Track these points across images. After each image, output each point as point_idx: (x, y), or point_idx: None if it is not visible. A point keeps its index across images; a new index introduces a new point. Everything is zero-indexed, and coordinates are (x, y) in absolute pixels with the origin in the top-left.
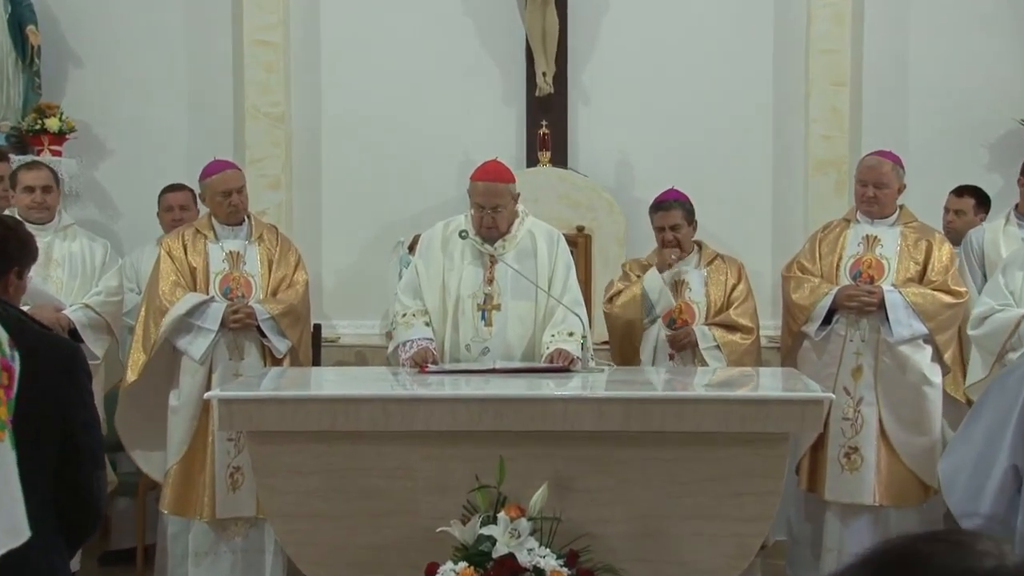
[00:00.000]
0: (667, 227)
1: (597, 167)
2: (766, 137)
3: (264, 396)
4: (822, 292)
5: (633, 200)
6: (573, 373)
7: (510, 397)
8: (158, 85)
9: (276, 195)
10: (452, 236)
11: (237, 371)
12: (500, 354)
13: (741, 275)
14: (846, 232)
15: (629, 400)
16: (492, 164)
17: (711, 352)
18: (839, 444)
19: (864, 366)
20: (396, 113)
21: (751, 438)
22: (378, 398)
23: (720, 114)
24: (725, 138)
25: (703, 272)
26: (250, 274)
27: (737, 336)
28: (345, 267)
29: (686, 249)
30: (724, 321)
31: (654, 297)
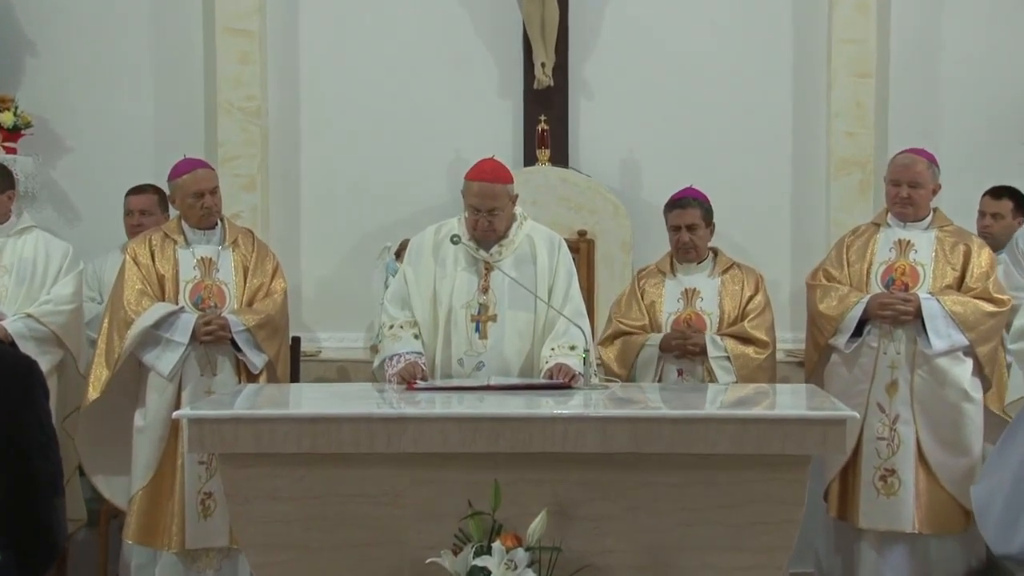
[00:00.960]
0: (684, 226)
1: (601, 166)
2: (784, 134)
3: (238, 415)
4: (852, 301)
5: (640, 202)
6: (574, 390)
7: (506, 416)
8: (122, 77)
9: (251, 197)
10: (444, 241)
11: (209, 388)
12: (496, 369)
13: (759, 286)
14: (876, 236)
15: (635, 419)
16: (489, 163)
17: (720, 363)
18: (874, 466)
19: (899, 381)
20: (382, 108)
21: (768, 461)
22: (362, 417)
23: (735, 108)
24: (740, 135)
25: (717, 281)
26: (223, 282)
27: (750, 349)
28: (327, 275)
29: (702, 253)
30: (737, 332)
31: (641, 366)
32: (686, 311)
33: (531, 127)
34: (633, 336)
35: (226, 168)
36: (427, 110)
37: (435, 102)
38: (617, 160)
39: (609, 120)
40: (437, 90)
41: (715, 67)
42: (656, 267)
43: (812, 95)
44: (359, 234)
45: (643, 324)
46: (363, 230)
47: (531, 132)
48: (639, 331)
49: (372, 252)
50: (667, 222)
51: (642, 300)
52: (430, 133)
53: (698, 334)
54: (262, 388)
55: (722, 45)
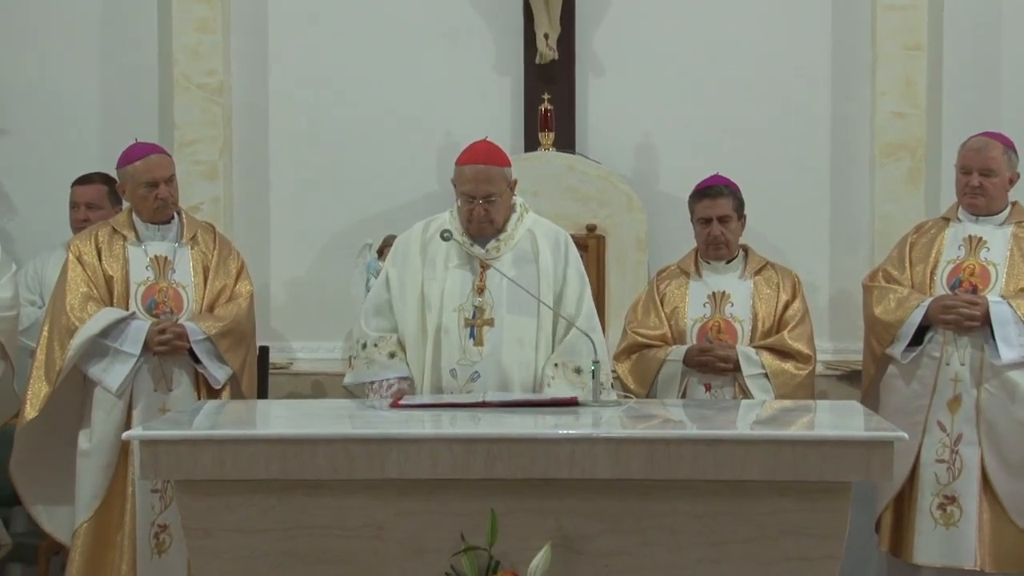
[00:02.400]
0: (715, 218)
1: (612, 152)
2: (823, 115)
3: (198, 436)
4: (911, 305)
5: (657, 194)
6: (583, 407)
7: (505, 437)
8: (64, 48)
9: (213, 186)
10: (433, 239)
11: (164, 405)
12: (493, 379)
13: (796, 290)
14: (944, 233)
15: (653, 440)
16: (482, 144)
17: (757, 381)
18: (932, 493)
19: (963, 396)
20: (363, 85)
21: (805, 488)
22: (340, 439)
23: (765, 86)
24: (771, 116)
25: (749, 283)
26: (181, 284)
27: (790, 365)
28: (299, 276)
29: (733, 250)
30: (776, 345)
31: (662, 382)
32: (713, 318)
33: (532, 107)
34: (652, 349)
35: (184, 153)
36: (414, 88)
37: (423, 79)
38: (631, 145)
39: (622, 99)
40: (425, 65)
41: (743, 38)
42: (678, 267)
43: (854, 70)
44: (336, 229)
45: (663, 334)
46: (341, 225)
47: (532, 113)
48: (658, 343)
49: (351, 250)
50: (693, 214)
51: (662, 306)
52: (418, 114)
53: (729, 348)
54: (225, 405)
55: (751, 12)
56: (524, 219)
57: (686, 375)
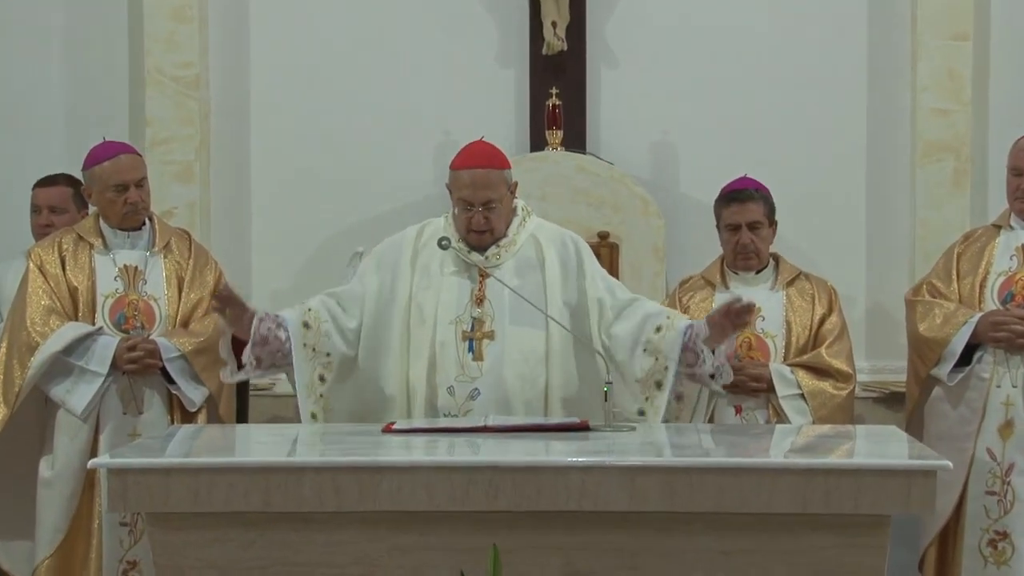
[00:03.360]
0: (744, 224)
1: (627, 152)
2: (857, 111)
3: (171, 464)
4: (958, 321)
5: (676, 197)
6: (595, 431)
7: (508, 465)
8: (25, 37)
9: (188, 190)
10: (428, 245)
11: (134, 430)
12: (494, 397)
13: (833, 303)
14: (994, 242)
15: (672, 469)
16: (479, 145)
17: (792, 402)
18: (980, 528)
19: (1016, 421)
20: (353, 79)
21: (839, 522)
22: (328, 467)
23: (795, 80)
24: (801, 112)
25: (781, 295)
26: (152, 297)
27: (829, 384)
28: (283, 288)
29: (764, 259)
30: (813, 363)
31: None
32: (743, 333)
33: (539, 103)
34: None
35: (156, 153)
36: (409, 82)
37: (419, 72)
38: (647, 144)
39: (638, 93)
40: (422, 57)
41: (770, 27)
42: (702, 278)
43: (892, 63)
44: (324, 236)
45: None
46: (329, 231)
47: (539, 109)
48: None
49: (340, 259)
50: (720, 220)
51: None
52: (413, 111)
53: (761, 366)
54: (201, 430)
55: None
56: (527, 223)
57: (714, 397)
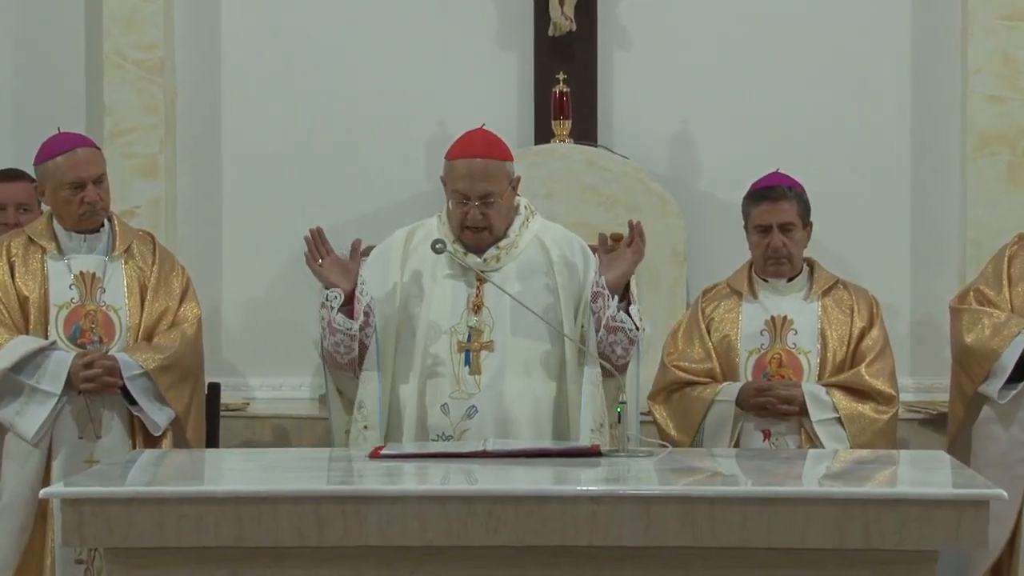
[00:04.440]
0: (775, 226)
1: (643, 144)
2: (901, 99)
3: (133, 494)
4: (1011, 332)
5: (697, 195)
6: (608, 456)
7: (510, 494)
8: None
9: (152, 186)
10: (419, 248)
11: (91, 456)
12: (493, 416)
13: (874, 314)
14: None
15: (693, 499)
16: (478, 134)
17: (828, 428)
18: None
19: None
20: (336, 63)
21: (881, 559)
22: (309, 496)
23: (830, 64)
24: (838, 100)
25: (816, 306)
26: (112, 307)
27: (869, 407)
28: (258, 296)
29: (797, 265)
30: (851, 383)
31: (710, 428)
32: (773, 349)
33: (545, 89)
34: (696, 388)
35: (116, 146)
36: (400, 68)
37: (411, 56)
38: (666, 135)
39: (654, 79)
40: (413, 40)
41: (804, 5)
42: (728, 285)
43: (940, 44)
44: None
45: (710, 368)
46: None
47: (545, 96)
48: (704, 379)
49: None
50: (748, 220)
51: (708, 334)
52: (404, 100)
53: (793, 386)
54: (166, 455)
55: None
56: (530, 223)
57: (739, 420)
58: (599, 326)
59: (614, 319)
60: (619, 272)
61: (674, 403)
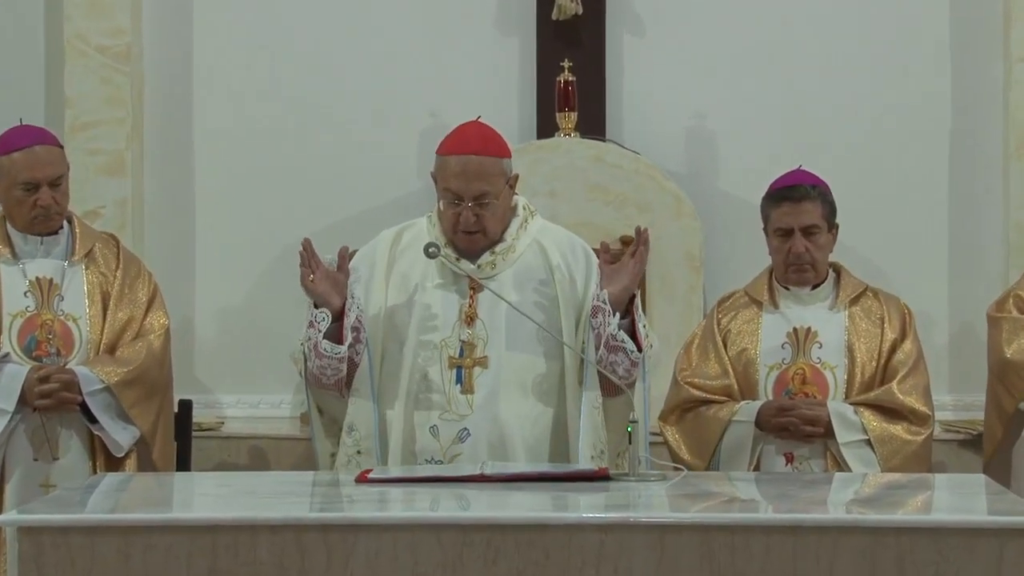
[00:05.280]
0: (797, 229)
1: (655, 139)
2: (938, 91)
3: (96, 521)
4: None
5: (714, 195)
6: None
7: (510, 522)
8: None
9: (117, 185)
10: (407, 252)
11: (47, 479)
12: (487, 440)
13: (907, 325)
14: None
15: (710, 527)
16: (472, 127)
17: (856, 450)
18: None
19: None
20: (318, 50)
21: None
22: (290, 524)
23: (860, 51)
24: (868, 91)
25: (842, 316)
26: (71, 316)
27: (901, 428)
28: (233, 305)
29: (821, 272)
30: (882, 401)
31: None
32: (796, 364)
33: (548, 78)
34: (712, 407)
35: (79, 140)
36: (388, 54)
37: (400, 42)
38: (680, 129)
39: (668, 67)
40: (403, 24)
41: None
42: (746, 294)
43: (981, 31)
44: (284, 243)
45: (726, 385)
46: (289, 237)
47: (548, 86)
48: (721, 397)
49: None
50: (768, 223)
51: (725, 347)
52: (393, 89)
53: (817, 405)
54: (131, 480)
55: None
56: (528, 226)
57: (759, 442)
58: (599, 343)
59: (614, 338)
60: (620, 286)
61: (687, 424)
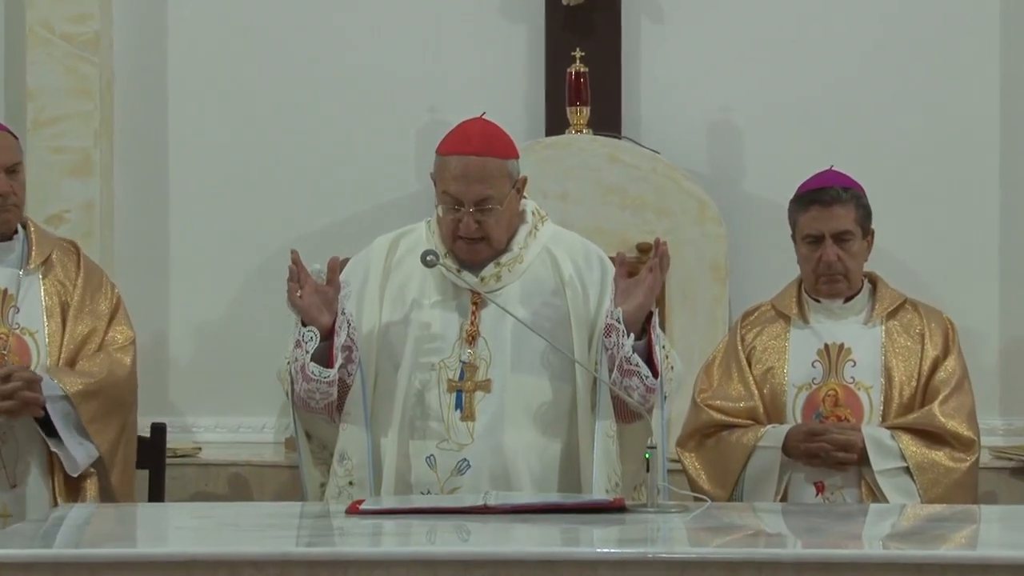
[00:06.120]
0: (828, 235)
1: (676, 136)
2: (988, 84)
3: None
4: None
5: (741, 197)
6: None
7: (515, 557)
8: None
9: (85, 187)
10: (403, 262)
11: (3, 509)
12: (490, 472)
13: (950, 341)
14: None
15: (736, 563)
16: (475, 124)
17: (893, 479)
18: None
19: None
20: (306, 39)
21: None
22: (275, 560)
23: (901, 41)
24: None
25: (879, 331)
26: (28, 330)
27: (943, 454)
28: (211, 320)
29: (855, 283)
30: (923, 424)
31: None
32: (827, 384)
33: (558, 70)
34: (735, 431)
35: (41, 137)
36: (384, 44)
37: (397, 30)
38: (703, 125)
39: (691, 58)
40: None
41: None
42: (773, 307)
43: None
44: (267, 251)
45: (751, 408)
46: (273, 244)
47: (558, 78)
48: (745, 421)
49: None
50: (796, 229)
51: (749, 366)
52: (389, 82)
53: (851, 430)
54: (100, 511)
55: None
56: (538, 232)
57: (787, 470)
58: (612, 366)
59: (628, 361)
60: (635, 303)
61: (708, 450)
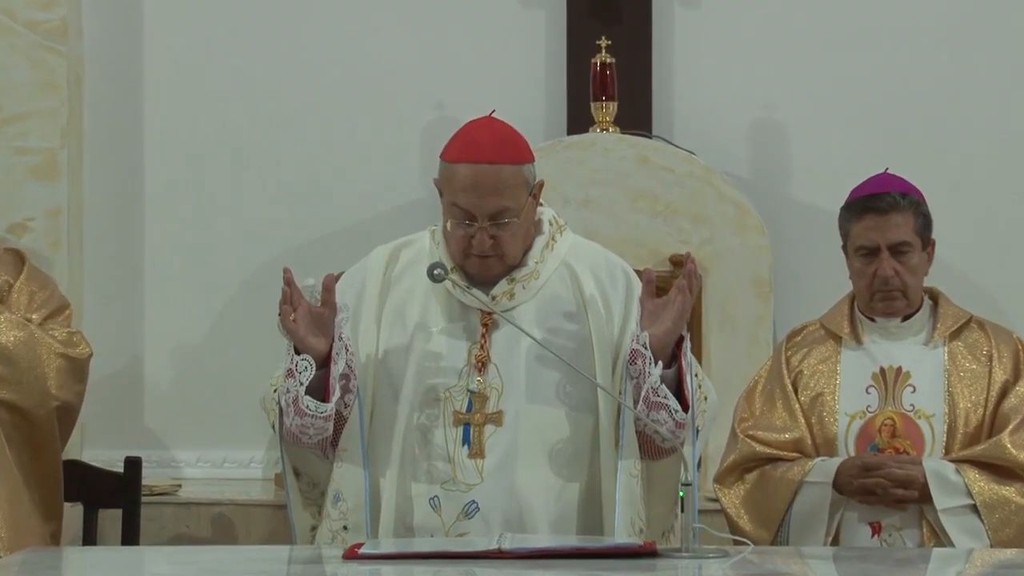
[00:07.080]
0: (884, 247)
1: (712, 136)
2: None
3: None
4: None
5: (786, 203)
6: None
7: None
8: None
9: (50, 192)
10: (404, 277)
11: None
12: (502, 515)
13: (1021, 364)
14: None
15: None
16: (486, 126)
17: (959, 519)
18: None
19: None
20: (299, 29)
21: None
22: None
23: (962, 31)
24: (972, 80)
25: (941, 353)
26: None
27: (1014, 491)
28: (191, 342)
29: (914, 300)
30: (990, 457)
31: (798, 520)
32: (884, 412)
33: (581, 62)
34: (780, 465)
35: (2, 137)
36: (386, 34)
37: (400, 20)
38: (744, 124)
39: (729, 48)
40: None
41: None
42: (822, 326)
43: None
44: (253, 265)
45: (797, 439)
46: (260, 258)
47: (581, 71)
48: (791, 454)
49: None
50: (848, 240)
51: (795, 392)
52: (392, 76)
53: (911, 464)
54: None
55: None
56: (556, 244)
57: (839, 508)
58: (637, 397)
59: (655, 392)
60: (662, 328)
61: (749, 486)
